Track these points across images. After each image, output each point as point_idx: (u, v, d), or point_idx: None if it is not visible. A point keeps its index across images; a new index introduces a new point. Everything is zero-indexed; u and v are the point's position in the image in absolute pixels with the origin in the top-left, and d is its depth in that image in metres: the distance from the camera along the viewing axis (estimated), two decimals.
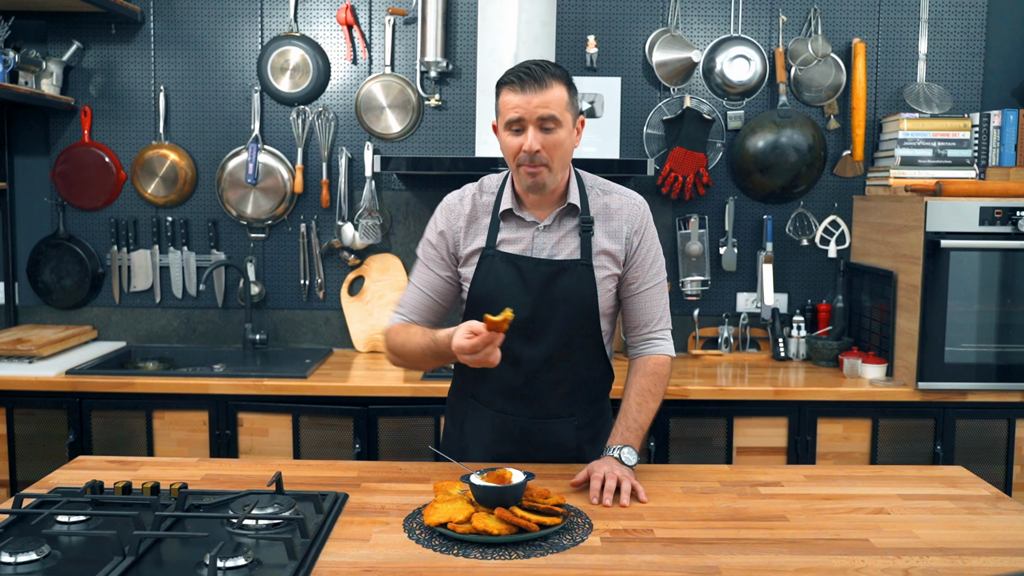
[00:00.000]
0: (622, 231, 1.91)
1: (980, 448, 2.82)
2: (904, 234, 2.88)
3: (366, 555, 1.47)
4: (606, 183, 1.97)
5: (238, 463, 1.98)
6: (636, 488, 1.76)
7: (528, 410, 1.95)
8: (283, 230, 3.37)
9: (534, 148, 1.76)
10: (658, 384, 1.93)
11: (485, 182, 1.97)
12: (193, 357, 3.28)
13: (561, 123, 1.78)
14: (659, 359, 1.95)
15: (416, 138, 3.32)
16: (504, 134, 1.81)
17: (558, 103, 1.77)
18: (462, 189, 1.98)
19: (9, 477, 2.85)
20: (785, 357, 3.23)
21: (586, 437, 2.00)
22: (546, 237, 1.89)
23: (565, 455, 1.98)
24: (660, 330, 1.97)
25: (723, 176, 3.34)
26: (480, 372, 1.94)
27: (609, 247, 1.90)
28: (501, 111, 1.81)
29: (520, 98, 1.76)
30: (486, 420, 1.99)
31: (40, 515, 1.54)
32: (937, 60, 3.31)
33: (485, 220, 1.92)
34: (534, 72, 1.76)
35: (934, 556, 1.50)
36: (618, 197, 1.94)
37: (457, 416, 2.06)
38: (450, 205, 1.96)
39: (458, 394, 2.07)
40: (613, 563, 1.45)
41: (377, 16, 3.29)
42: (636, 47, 3.31)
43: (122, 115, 3.33)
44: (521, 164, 1.79)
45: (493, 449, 1.97)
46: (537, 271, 1.87)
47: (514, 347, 1.88)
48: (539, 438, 1.96)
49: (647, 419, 1.90)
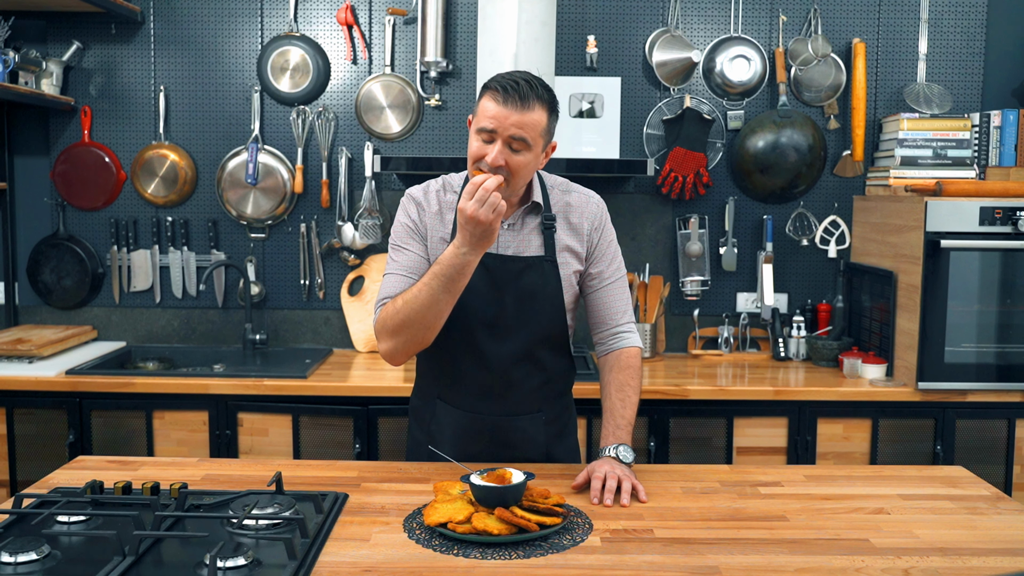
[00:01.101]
0: (583, 227, 1.94)
1: (980, 448, 2.83)
2: (904, 234, 2.88)
3: (366, 555, 1.47)
4: (566, 182, 1.99)
5: (238, 463, 1.98)
6: (636, 487, 1.76)
7: (497, 407, 1.96)
8: (283, 230, 3.37)
9: (498, 163, 1.74)
10: (634, 376, 1.95)
11: (447, 180, 1.97)
12: (193, 357, 3.28)
13: (530, 147, 1.76)
14: (630, 351, 1.97)
15: (416, 138, 3.31)
16: (474, 135, 1.79)
17: (533, 127, 1.75)
18: (424, 184, 1.97)
19: (9, 477, 2.85)
20: (785, 357, 3.23)
21: (553, 432, 2.02)
22: (511, 235, 1.91)
23: (534, 451, 1.99)
24: (626, 323, 1.99)
25: (723, 176, 3.34)
26: (448, 372, 1.96)
27: (571, 243, 1.94)
28: (478, 112, 1.79)
29: (498, 110, 1.73)
30: (453, 421, 1.99)
31: (40, 515, 1.54)
32: (937, 60, 3.31)
33: (449, 216, 1.92)
34: (521, 88, 1.73)
35: (934, 556, 1.50)
36: (577, 195, 1.97)
37: (423, 419, 2.05)
38: (415, 198, 1.95)
39: (422, 396, 2.07)
40: (613, 563, 1.45)
41: (377, 16, 3.29)
42: (636, 47, 3.31)
43: (122, 115, 3.33)
44: (479, 170, 1.77)
45: (461, 449, 1.97)
46: (504, 268, 1.89)
47: (483, 344, 1.90)
48: (508, 435, 1.97)
49: (632, 413, 1.92)
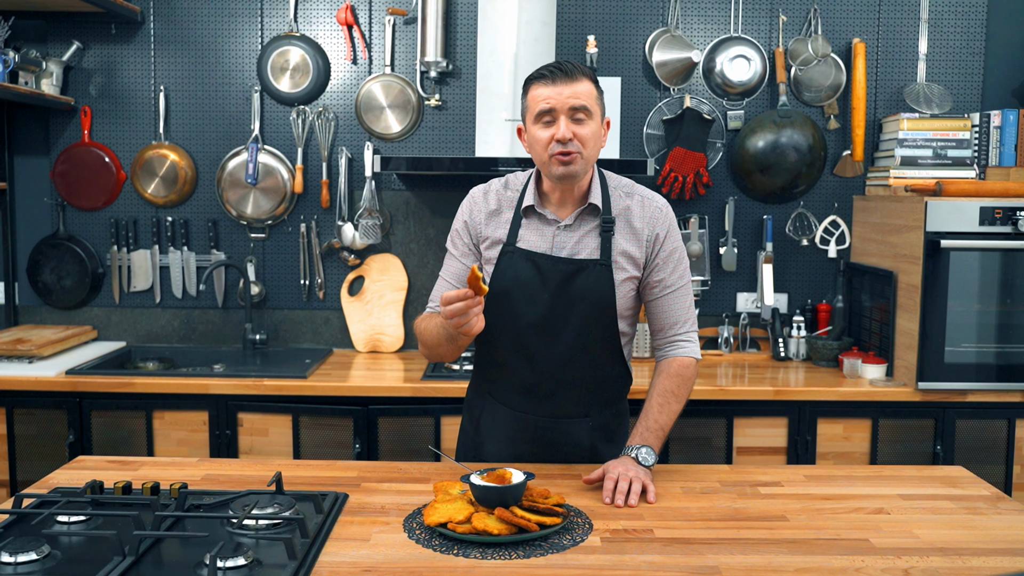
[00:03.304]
0: (643, 234, 1.90)
1: (980, 448, 2.82)
2: (904, 234, 2.88)
3: (366, 555, 1.47)
4: (630, 184, 1.96)
5: (238, 463, 1.98)
6: (647, 488, 1.75)
7: (542, 409, 1.95)
8: (283, 230, 3.37)
9: (567, 136, 1.77)
10: (682, 386, 1.91)
11: (511, 179, 1.98)
12: (193, 357, 3.28)
13: (592, 115, 1.81)
14: (683, 361, 1.94)
15: (416, 138, 3.31)
16: (535, 127, 1.82)
17: (588, 95, 1.80)
18: (488, 183, 1.99)
19: (9, 477, 2.85)
20: (785, 357, 3.23)
21: (600, 438, 1.99)
22: (567, 236, 1.89)
23: (579, 455, 1.97)
24: (685, 332, 1.96)
25: (723, 176, 3.34)
26: (497, 369, 1.96)
27: (629, 249, 1.89)
28: (530, 105, 1.82)
29: (551, 90, 1.78)
30: (502, 417, 1.99)
31: (40, 515, 1.54)
32: (937, 60, 3.31)
33: (508, 215, 1.93)
34: (564, 67, 1.80)
35: (934, 556, 1.50)
36: (641, 199, 1.93)
37: (474, 412, 2.06)
38: (475, 198, 1.97)
39: (476, 390, 2.08)
40: (613, 563, 1.45)
41: (377, 16, 3.29)
42: (636, 47, 3.31)
43: (122, 115, 3.33)
44: (553, 153, 1.79)
45: (508, 447, 1.98)
46: (556, 269, 1.87)
47: (530, 345, 1.89)
48: (553, 437, 1.96)
49: (668, 420, 1.89)
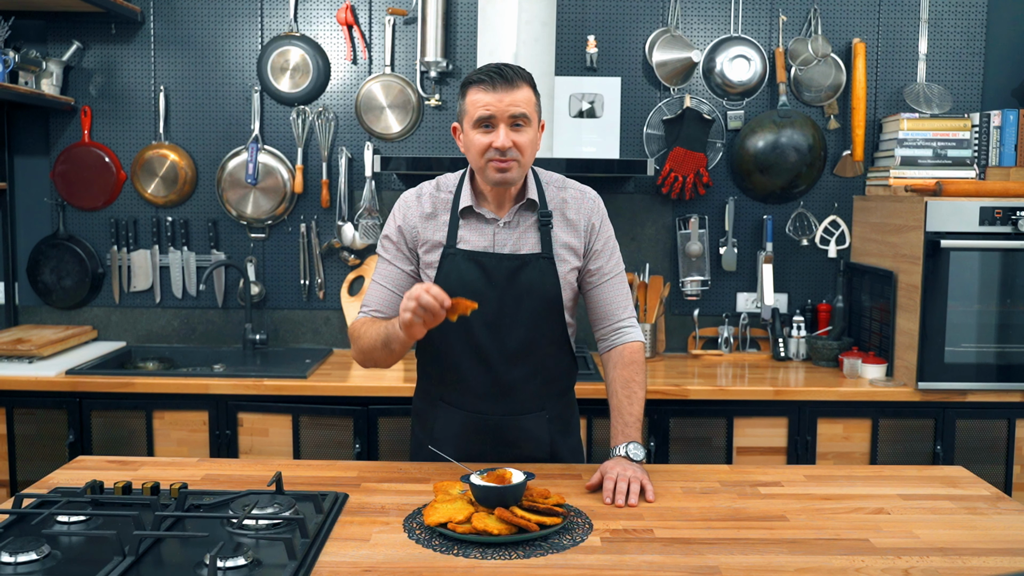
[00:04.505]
0: (580, 224, 1.94)
1: (980, 448, 2.82)
2: (904, 234, 2.88)
3: (366, 555, 1.47)
4: (561, 179, 1.99)
5: (238, 463, 1.98)
6: (645, 487, 1.76)
7: (499, 407, 1.96)
8: (283, 230, 3.37)
9: (507, 145, 1.78)
10: (638, 372, 1.94)
11: (441, 181, 1.98)
12: (193, 357, 3.28)
13: (530, 121, 1.82)
14: (632, 347, 1.96)
15: (416, 138, 3.31)
16: (473, 132, 1.82)
17: (527, 102, 1.81)
18: (419, 187, 1.98)
19: (9, 477, 2.85)
20: (785, 357, 3.23)
21: (557, 430, 2.02)
22: (507, 233, 1.91)
23: (538, 450, 1.99)
24: (627, 318, 1.99)
25: (723, 176, 3.34)
26: (451, 373, 1.96)
27: (570, 240, 1.93)
28: (469, 110, 1.82)
29: (492, 96, 1.78)
30: (457, 422, 1.99)
31: (40, 515, 1.54)
32: (937, 60, 3.31)
33: (444, 217, 1.93)
34: (504, 72, 1.79)
35: (934, 556, 1.50)
36: (574, 191, 1.97)
37: (426, 423, 2.05)
38: (407, 201, 1.96)
39: (425, 400, 2.06)
40: (613, 563, 1.45)
41: (377, 16, 3.29)
42: (636, 47, 3.31)
43: (122, 115, 3.33)
44: (490, 160, 1.81)
45: (465, 449, 1.97)
46: (501, 266, 1.89)
47: (483, 344, 1.90)
48: (512, 434, 1.97)
49: (639, 409, 1.91)
